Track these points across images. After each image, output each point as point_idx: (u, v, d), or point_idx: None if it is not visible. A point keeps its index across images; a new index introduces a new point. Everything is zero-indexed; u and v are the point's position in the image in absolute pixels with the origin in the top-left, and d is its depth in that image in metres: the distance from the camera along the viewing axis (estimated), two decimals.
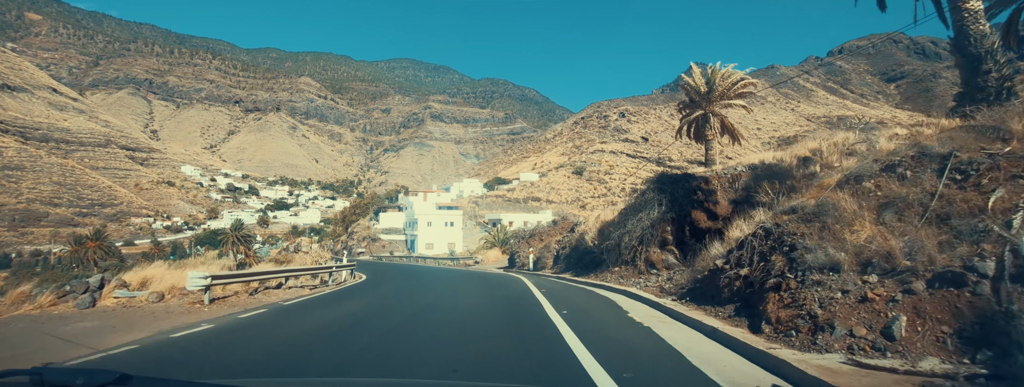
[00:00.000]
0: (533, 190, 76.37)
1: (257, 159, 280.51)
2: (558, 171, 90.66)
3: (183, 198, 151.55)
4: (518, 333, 7.19)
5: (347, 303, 11.55)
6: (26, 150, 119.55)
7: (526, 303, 10.65)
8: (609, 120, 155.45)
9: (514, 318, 8.75)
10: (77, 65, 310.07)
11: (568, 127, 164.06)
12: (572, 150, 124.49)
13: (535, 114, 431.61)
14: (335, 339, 6.70)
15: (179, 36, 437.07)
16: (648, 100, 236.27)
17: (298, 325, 8.22)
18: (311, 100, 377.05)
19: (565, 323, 7.70)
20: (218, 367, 5.37)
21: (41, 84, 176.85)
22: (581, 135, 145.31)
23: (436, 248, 58.57)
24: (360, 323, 8.12)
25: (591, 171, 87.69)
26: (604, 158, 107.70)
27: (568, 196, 76.98)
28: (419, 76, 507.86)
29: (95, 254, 52.07)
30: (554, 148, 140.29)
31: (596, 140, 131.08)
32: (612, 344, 6.36)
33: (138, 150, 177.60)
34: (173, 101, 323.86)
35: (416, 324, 7.93)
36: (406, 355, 5.62)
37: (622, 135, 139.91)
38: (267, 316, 9.33)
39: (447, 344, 6.38)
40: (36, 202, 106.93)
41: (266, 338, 7.10)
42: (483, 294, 12.95)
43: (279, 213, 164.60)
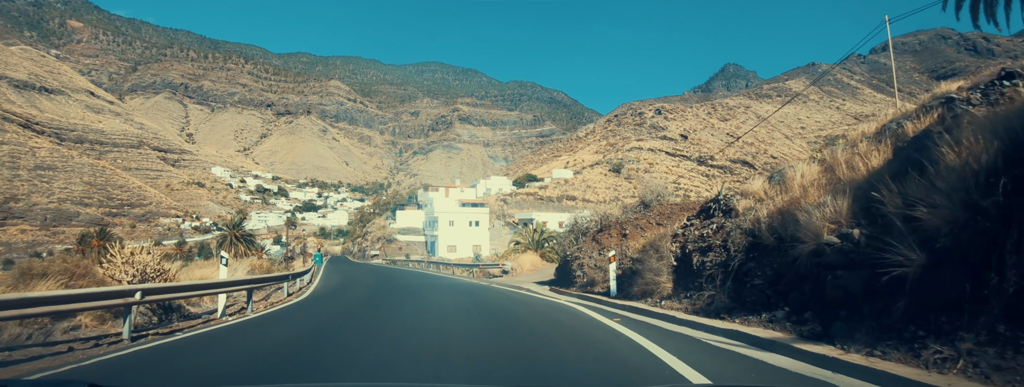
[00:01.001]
0: (567, 188, 71.15)
1: (288, 162, 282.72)
2: (593, 169, 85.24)
3: (213, 199, 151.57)
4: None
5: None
6: (58, 151, 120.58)
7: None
8: (644, 117, 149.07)
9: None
10: (116, 70, 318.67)
11: (600, 125, 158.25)
12: (606, 148, 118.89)
13: (564, 116, 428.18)
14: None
15: (213, 41, 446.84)
16: (681, 100, 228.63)
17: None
18: (341, 103, 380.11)
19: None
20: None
21: (79, 87, 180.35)
22: (615, 133, 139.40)
23: (459, 251, 53.72)
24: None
25: (629, 168, 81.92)
26: (642, 156, 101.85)
27: (606, 195, 71.53)
28: (447, 79, 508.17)
29: (98, 254, 49.13)
30: (586, 147, 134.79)
31: (632, 138, 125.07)
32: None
33: (170, 151, 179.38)
34: (208, 105, 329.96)
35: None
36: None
37: (659, 133, 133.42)
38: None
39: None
40: (67, 202, 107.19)
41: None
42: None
43: (308, 215, 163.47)
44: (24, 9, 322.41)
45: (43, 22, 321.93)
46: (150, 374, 5.26)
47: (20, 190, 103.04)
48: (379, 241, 60.05)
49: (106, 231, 51.98)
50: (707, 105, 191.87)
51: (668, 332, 7.21)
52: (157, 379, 5.06)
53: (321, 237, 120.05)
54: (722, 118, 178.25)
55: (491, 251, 49.14)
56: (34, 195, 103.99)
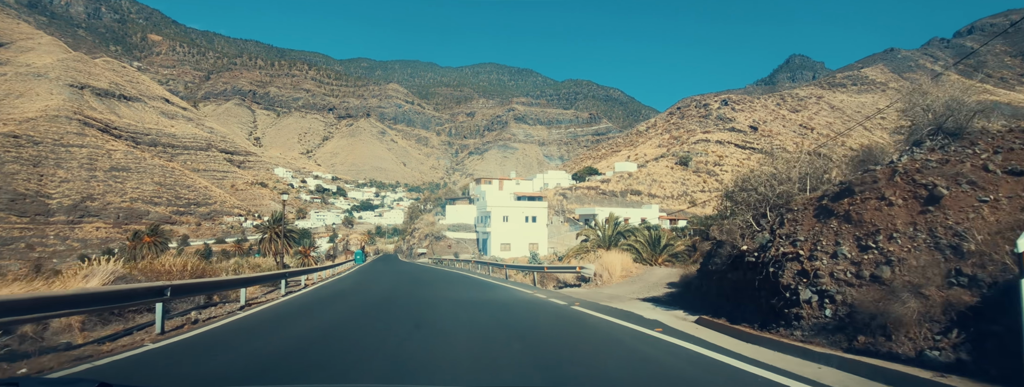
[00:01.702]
0: (631, 182, 65.31)
1: (349, 163, 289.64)
2: (658, 162, 78.76)
3: (274, 199, 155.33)
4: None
5: None
6: (132, 153, 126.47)
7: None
8: (710, 109, 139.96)
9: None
10: (191, 80, 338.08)
11: (662, 119, 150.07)
12: (670, 141, 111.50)
13: (620, 114, 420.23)
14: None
15: (279, 50, 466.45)
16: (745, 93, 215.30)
17: None
18: (399, 106, 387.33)
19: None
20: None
21: (155, 95, 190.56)
22: (678, 126, 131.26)
23: (514, 249, 49.08)
24: None
25: (698, 161, 74.90)
26: (710, 148, 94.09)
27: (673, 189, 65.24)
28: (502, 80, 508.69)
29: (150, 250, 48.38)
30: (648, 141, 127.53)
31: (697, 130, 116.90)
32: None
33: (236, 153, 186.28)
34: (274, 110, 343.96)
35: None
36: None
37: (727, 124, 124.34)
38: None
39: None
40: (139, 201, 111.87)
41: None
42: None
43: (365, 214, 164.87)
44: (110, 26, 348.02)
45: (127, 37, 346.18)
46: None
47: (96, 190, 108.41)
48: (427, 238, 55.90)
49: (157, 228, 51.34)
50: (775, 96, 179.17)
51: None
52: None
53: (377, 235, 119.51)
54: (792, 109, 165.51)
55: (549, 250, 44.33)
56: (108, 194, 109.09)
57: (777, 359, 5.75)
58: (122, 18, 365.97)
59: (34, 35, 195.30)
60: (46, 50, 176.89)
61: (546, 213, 51.25)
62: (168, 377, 5.00)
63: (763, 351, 6.23)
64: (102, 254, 12.32)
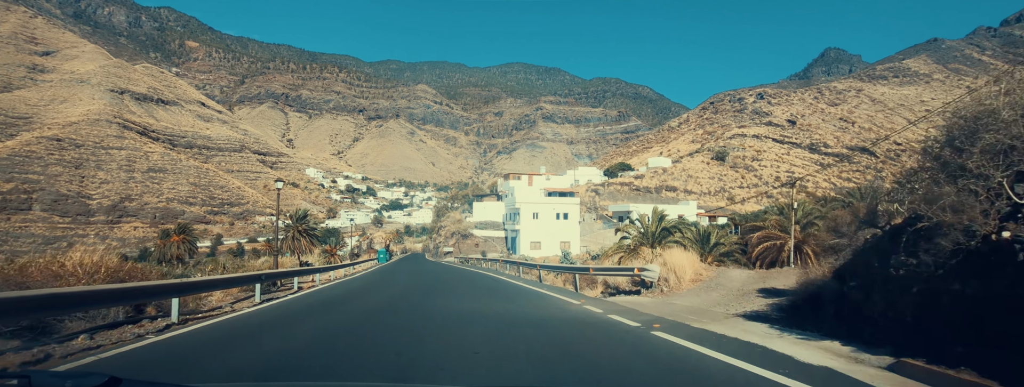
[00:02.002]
0: (666, 178, 62.61)
1: (378, 163, 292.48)
2: (693, 157, 75.67)
3: (305, 198, 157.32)
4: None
5: None
6: (169, 155, 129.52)
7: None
8: (745, 103, 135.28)
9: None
10: (227, 84, 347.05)
11: (694, 114, 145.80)
12: (703, 137, 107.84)
13: (649, 112, 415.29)
14: None
15: (311, 53, 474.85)
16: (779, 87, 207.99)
17: None
18: (428, 106, 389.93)
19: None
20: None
21: (192, 99, 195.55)
22: (712, 121, 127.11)
23: (544, 248, 46.61)
24: None
25: (735, 157, 71.56)
26: (746, 143, 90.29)
27: (710, 185, 62.31)
28: (530, 79, 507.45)
29: (179, 249, 48.34)
30: (680, 137, 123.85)
31: (732, 125, 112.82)
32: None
33: (268, 154, 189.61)
34: (306, 112, 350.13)
35: None
36: None
37: (763, 118, 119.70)
38: None
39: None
40: (174, 201, 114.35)
41: None
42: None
43: (394, 213, 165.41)
44: (150, 33, 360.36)
45: (165, 44, 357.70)
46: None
47: (134, 190, 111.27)
48: (453, 237, 53.95)
49: (186, 227, 51.42)
50: (812, 89, 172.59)
51: None
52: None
53: (406, 234, 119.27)
54: (830, 102, 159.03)
55: (581, 249, 42.25)
56: (146, 195, 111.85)
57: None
58: (161, 26, 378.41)
59: (78, 44, 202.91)
60: (89, 58, 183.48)
61: (578, 210, 48.79)
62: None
63: None
64: (139, 253, 11.10)
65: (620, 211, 46.38)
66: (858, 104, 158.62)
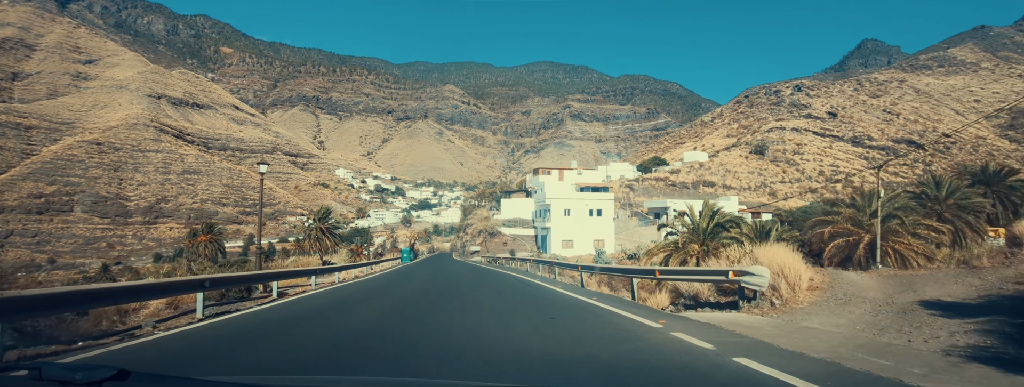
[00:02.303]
0: (703, 173, 59.70)
1: (407, 163, 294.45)
2: (730, 152, 72.37)
3: (336, 199, 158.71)
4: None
5: None
6: (203, 156, 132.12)
7: None
8: (781, 96, 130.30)
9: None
10: (260, 88, 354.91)
11: (728, 108, 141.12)
12: (739, 131, 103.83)
13: (679, 108, 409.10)
14: None
15: (341, 57, 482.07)
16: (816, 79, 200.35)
17: None
18: (455, 106, 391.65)
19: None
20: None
21: (226, 103, 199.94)
22: (747, 114, 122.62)
23: (577, 246, 44.49)
24: None
25: (775, 150, 68.03)
26: (786, 136, 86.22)
27: (749, 180, 59.19)
28: (557, 78, 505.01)
29: (206, 248, 48.05)
30: (714, 132, 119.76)
31: (769, 118, 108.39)
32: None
33: (299, 156, 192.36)
34: (336, 114, 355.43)
35: None
36: None
37: (801, 111, 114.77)
38: None
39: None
40: (208, 202, 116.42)
41: None
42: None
43: (422, 212, 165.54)
44: (187, 40, 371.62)
45: (202, 50, 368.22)
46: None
47: (170, 192, 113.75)
48: (480, 235, 52.19)
49: (213, 226, 51.15)
50: (852, 81, 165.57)
51: None
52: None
53: (434, 234, 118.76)
54: (872, 94, 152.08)
55: (616, 247, 40.00)
56: (181, 196, 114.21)
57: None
58: (197, 33, 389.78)
59: (119, 52, 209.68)
60: (129, 65, 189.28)
61: (612, 206, 46.29)
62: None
63: None
64: (174, 253, 9.78)
65: (656, 207, 43.90)
66: (901, 95, 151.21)
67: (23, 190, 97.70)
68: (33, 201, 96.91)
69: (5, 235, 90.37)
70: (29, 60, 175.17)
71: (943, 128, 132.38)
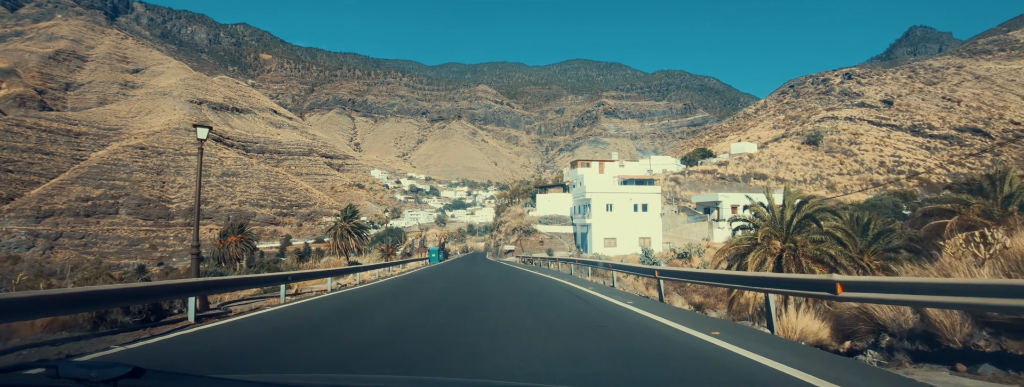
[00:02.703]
0: (753, 165, 55.53)
1: (442, 164, 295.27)
2: (780, 142, 67.71)
3: (371, 199, 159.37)
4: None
5: None
6: (241, 159, 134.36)
7: None
8: (830, 85, 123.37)
9: None
10: (298, 93, 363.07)
11: (772, 99, 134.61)
12: (787, 122, 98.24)
13: (716, 103, 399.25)
14: None
15: (375, 60, 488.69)
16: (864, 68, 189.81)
17: None
18: (489, 106, 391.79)
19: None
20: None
21: (264, 107, 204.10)
22: (793, 105, 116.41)
23: (621, 245, 40.80)
24: None
25: (830, 140, 63.11)
26: (839, 126, 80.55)
27: (804, 173, 54.78)
28: (591, 75, 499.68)
29: (236, 249, 47.11)
30: (758, 124, 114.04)
31: (819, 108, 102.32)
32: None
33: (335, 157, 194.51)
34: (371, 117, 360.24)
35: None
36: None
37: (854, 100, 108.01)
38: None
39: None
40: (246, 204, 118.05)
41: None
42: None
43: (457, 212, 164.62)
44: (228, 48, 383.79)
45: (242, 58, 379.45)
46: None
47: (209, 194, 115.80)
48: (515, 233, 48.47)
49: (243, 227, 50.31)
50: (904, 69, 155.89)
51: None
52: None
53: (469, 233, 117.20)
54: (927, 81, 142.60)
55: (664, 246, 36.62)
56: (220, 198, 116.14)
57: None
58: (238, 41, 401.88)
59: (164, 61, 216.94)
60: (174, 73, 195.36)
61: (659, 200, 42.45)
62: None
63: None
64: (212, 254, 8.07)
65: (706, 201, 40.29)
66: (960, 82, 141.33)
67: (72, 194, 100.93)
68: (81, 204, 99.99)
69: (55, 237, 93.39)
70: (81, 71, 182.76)
71: (1010, 115, 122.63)
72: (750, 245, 13.54)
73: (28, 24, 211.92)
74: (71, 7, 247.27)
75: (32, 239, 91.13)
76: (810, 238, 12.39)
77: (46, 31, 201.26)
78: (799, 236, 12.72)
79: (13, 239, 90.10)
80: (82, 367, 1.41)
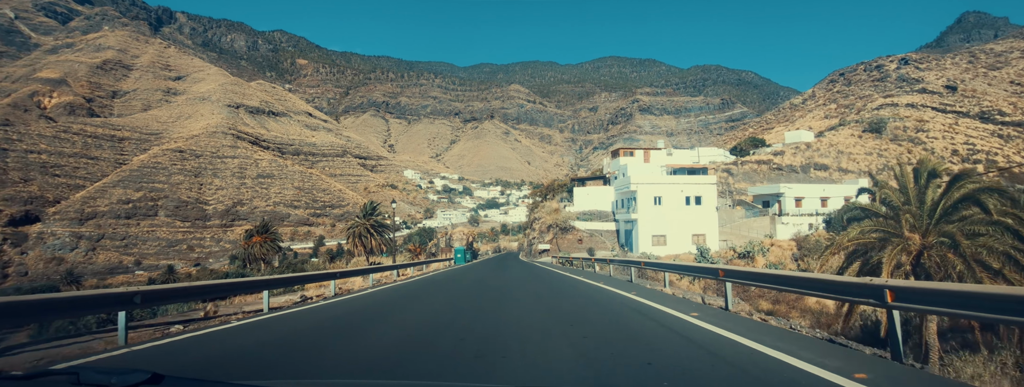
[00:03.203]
0: (812, 155, 50.60)
1: (475, 164, 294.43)
2: (837, 131, 62.28)
3: (403, 199, 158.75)
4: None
5: None
6: (276, 161, 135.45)
7: None
8: (885, 71, 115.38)
9: None
10: (333, 96, 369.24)
11: (821, 88, 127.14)
12: (839, 111, 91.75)
13: (755, 97, 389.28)
14: None
15: (408, 63, 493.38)
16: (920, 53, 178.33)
17: None
18: (521, 106, 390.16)
19: None
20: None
21: (300, 110, 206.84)
22: (846, 93, 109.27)
23: (671, 243, 36.37)
24: None
25: (894, 128, 57.44)
26: (900, 112, 74.14)
27: (868, 163, 49.62)
28: (624, 72, 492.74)
29: (261, 249, 45.43)
30: (807, 114, 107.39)
31: (874, 95, 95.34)
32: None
33: (368, 158, 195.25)
34: (405, 118, 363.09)
35: None
36: None
37: (913, 86, 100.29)
38: None
39: None
40: (280, 205, 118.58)
41: None
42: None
43: (490, 212, 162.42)
44: (266, 55, 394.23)
45: (279, 63, 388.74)
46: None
47: (245, 195, 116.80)
48: (550, 230, 44.18)
49: (267, 226, 48.66)
50: (964, 53, 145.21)
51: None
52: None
53: (502, 233, 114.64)
54: (990, 66, 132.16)
55: (722, 244, 32.42)
56: (255, 199, 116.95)
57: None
58: (275, 47, 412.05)
59: (204, 67, 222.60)
60: (213, 79, 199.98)
61: (715, 192, 37.80)
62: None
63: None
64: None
65: (766, 194, 35.90)
66: None
67: (113, 196, 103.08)
68: (122, 206, 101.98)
69: (97, 238, 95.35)
70: (126, 79, 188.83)
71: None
72: (879, 238, 9.84)
73: (78, 36, 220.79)
74: (117, 19, 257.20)
75: (75, 241, 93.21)
76: (963, 229, 8.67)
77: (94, 42, 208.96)
78: (950, 225, 9.05)
79: (58, 241, 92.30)
80: (103, 373, 1.45)
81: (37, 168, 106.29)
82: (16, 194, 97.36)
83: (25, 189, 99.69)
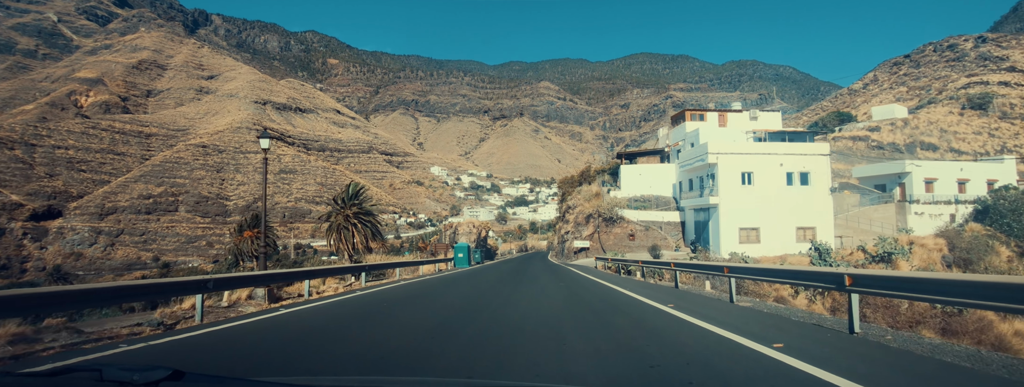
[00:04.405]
0: (912, 132, 41.97)
1: (504, 162, 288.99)
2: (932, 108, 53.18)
3: (430, 196, 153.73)
4: None
5: None
6: (300, 156, 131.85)
7: None
8: (961, 50, 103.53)
9: None
10: (363, 95, 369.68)
11: (883, 72, 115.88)
12: (912, 93, 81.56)
13: (794, 93, 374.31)
14: None
15: (438, 61, 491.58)
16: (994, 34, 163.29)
17: None
18: (551, 103, 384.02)
19: None
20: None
21: (328, 107, 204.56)
22: (915, 75, 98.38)
23: (765, 240, 26.30)
24: None
25: (1001, 104, 48.26)
26: (993, 89, 64.25)
27: (979, 142, 40.82)
28: (656, 69, 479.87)
29: (252, 245, 39.42)
30: (871, 98, 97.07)
31: (953, 74, 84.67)
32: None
33: (395, 154, 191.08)
34: (434, 116, 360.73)
35: None
36: None
37: (1000, 64, 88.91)
38: None
39: None
40: (302, 201, 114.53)
41: None
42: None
43: (519, 209, 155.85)
44: (298, 55, 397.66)
45: (311, 63, 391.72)
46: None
47: (267, 191, 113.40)
48: (589, 222, 33.64)
49: (258, 220, 42.65)
50: None
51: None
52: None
53: (531, 231, 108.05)
54: None
55: (837, 241, 23.37)
56: (277, 195, 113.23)
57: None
58: (307, 48, 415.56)
59: (236, 67, 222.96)
60: (244, 78, 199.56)
61: (828, 166, 26.85)
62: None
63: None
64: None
65: (880, 175, 26.29)
66: None
67: (134, 191, 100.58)
68: (142, 201, 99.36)
69: (116, 234, 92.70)
70: (161, 78, 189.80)
71: None
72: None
73: (115, 37, 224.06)
74: (153, 20, 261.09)
75: (94, 236, 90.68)
76: None
77: (131, 43, 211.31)
78: None
79: (77, 236, 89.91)
80: (125, 371, 1.47)
81: (63, 163, 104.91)
82: (40, 189, 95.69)
83: (49, 184, 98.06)
